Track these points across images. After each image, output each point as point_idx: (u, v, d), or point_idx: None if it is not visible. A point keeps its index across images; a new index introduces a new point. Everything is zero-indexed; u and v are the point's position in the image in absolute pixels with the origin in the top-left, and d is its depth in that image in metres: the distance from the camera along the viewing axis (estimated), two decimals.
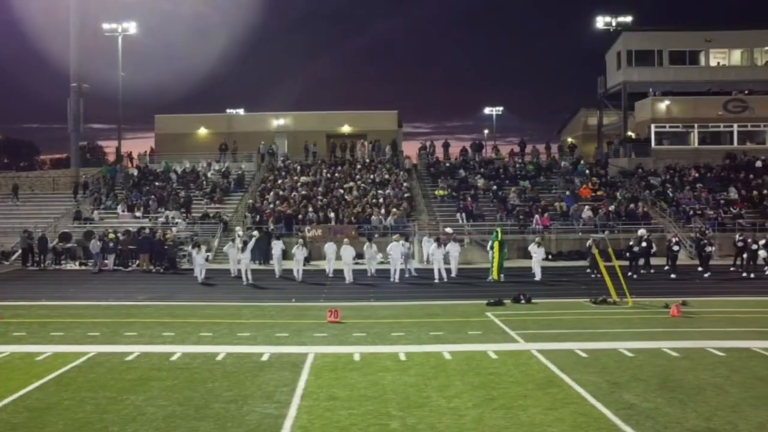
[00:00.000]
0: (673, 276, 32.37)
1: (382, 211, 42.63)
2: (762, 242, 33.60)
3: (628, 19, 60.69)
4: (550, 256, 40.02)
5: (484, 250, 36.14)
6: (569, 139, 65.93)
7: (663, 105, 55.57)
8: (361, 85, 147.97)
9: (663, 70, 56.63)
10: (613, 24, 59.24)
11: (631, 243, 33.80)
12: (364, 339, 19.12)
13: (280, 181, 49.00)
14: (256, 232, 36.65)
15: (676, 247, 33.15)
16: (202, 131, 60.81)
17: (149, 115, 64.38)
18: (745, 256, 33.33)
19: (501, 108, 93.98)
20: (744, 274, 32.74)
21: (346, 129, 59.91)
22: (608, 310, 23.82)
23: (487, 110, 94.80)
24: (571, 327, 20.70)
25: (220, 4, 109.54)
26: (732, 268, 34.30)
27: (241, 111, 74.27)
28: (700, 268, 33.40)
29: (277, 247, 33.70)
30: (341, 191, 46.15)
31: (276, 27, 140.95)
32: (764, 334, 19.41)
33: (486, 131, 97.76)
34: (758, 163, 50.55)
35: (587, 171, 50.61)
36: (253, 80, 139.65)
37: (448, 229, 38.09)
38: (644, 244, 34.12)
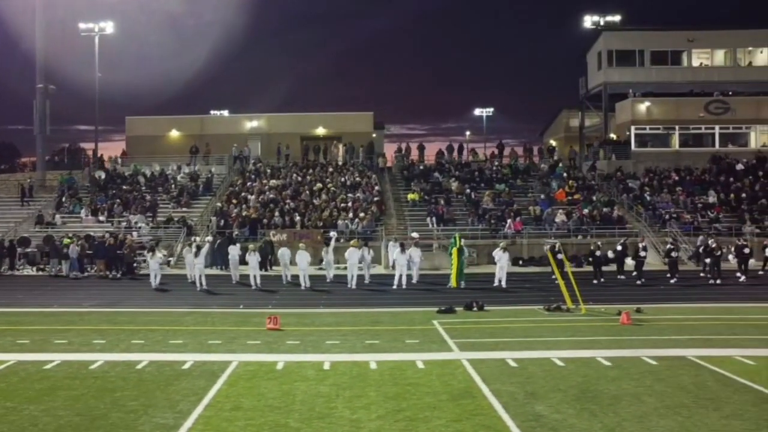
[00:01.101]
0: (639, 282, 32.42)
1: (350, 215, 42.63)
2: (732, 248, 33.84)
3: (617, 18, 60.97)
4: (521, 262, 40.15)
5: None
6: (551, 142, 66.04)
7: (643, 106, 55.61)
8: (354, 85, 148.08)
9: (644, 71, 56.73)
10: (601, 23, 59.45)
11: (592, 248, 33.89)
12: (296, 347, 19.14)
13: (248, 184, 49.00)
14: (209, 237, 36.73)
15: (643, 253, 33.22)
16: (174, 133, 60.81)
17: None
18: (708, 261, 33.42)
19: (491, 109, 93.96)
20: (711, 281, 32.78)
21: (320, 131, 59.94)
22: (559, 318, 23.87)
23: (477, 111, 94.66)
24: (514, 335, 20.76)
25: (199, 5, 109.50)
26: (702, 274, 34.34)
27: (225, 112, 74.39)
28: (668, 275, 33.44)
29: (233, 252, 33.72)
30: (309, 194, 46.14)
31: (263, 28, 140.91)
32: (708, 341, 19.50)
33: (468, 133, 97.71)
34: (739, 166, 50.66)
35: (564, 174, 50.63)
36: (237, 82, 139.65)
37: (414, 234, 38.08)
38: (619, 248, 34.28)
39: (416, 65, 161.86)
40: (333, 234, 38.41)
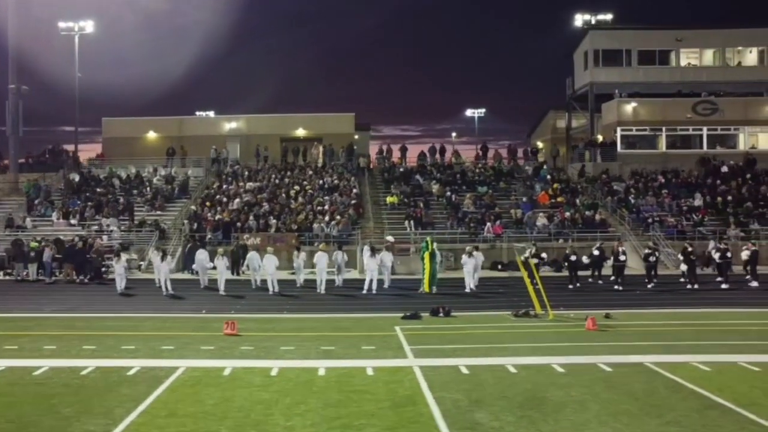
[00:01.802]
0: (617, 287, 32.57)
1: (326, 218, 42.73)
2: (716, 253, 34.09)
3: (608, 17, 61.21)
4: (500, 266, 40.31)
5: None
6: (538, 143, 66.21)
7: (629, 107, 55.70)
8: (345, 86, 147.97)
9: (632, 71, 56.97)
10: (593, 22, 59.66)
11: (567, 252, 34.06)
12: (248, 353, 19.27)
13: (224, 187, 49.10)
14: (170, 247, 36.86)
15: (622, 257, 33.37)
16: (152, 135, 60.84)
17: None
18: (684, 267, 33.63)
19: (483, 110, 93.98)
20: (689, 286, 32.95)
21: (300, 132, 60.01)
22: (525, 324, 24.01)
23: (468, 112, 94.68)
24: (474, 342, 20.88)
25: (182, 4, 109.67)
26: (681, 279, 34.46)
27: (211, 113, 74.39)
28: (646, 279, 33.60)
29: (202, 256, 33.79)
30: (285, 197, 46.24)
31: (250, 27, 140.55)
32: (669, 347, 19.66)
33: (454, 134, 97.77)
34: (724, 168, 50.90)
35: (549, 176, 50.79)
36: (224, 83, 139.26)
37: (389, 238, 38.22)
38: (596, 252, 34.45)
39: (410, 65, 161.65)
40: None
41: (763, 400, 14.55)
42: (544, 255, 31.79)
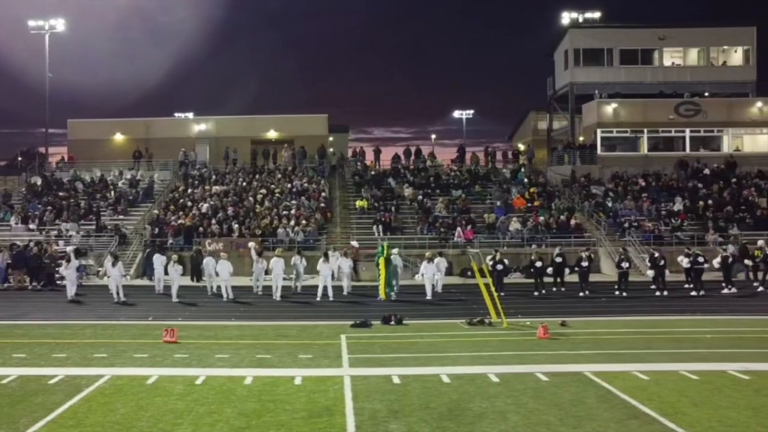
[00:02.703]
0: (582, 294, 32.77)
1: (292, 222, 42.84)
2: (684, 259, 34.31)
3: (596, 15, 61.47)
4: (469, 273, 40.38)
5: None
6: (520, 145, 66.40)
7: (609, 108, 55.82)
8: (333, 87, 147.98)
9: (613, 71, 57.29)
10: (580, 20, 59.85)
11: (533, 258, 34.24)
12: (180, 361, 19.38)
13: (190, 191, 49.18)
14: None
15: (585, 263, 33.56)
16: (119, 137, 60.81)
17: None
18: (651, 273, 33.84)
19: (471, 111, 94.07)
20: (657, 293, 33.17)
21: (272, 134, 60.06)
22: (476, 332, 24.15)
23: (456, 113, 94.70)
24: (417, 351, 21.01)
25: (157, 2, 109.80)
26: (653, 286, 34.63)
27: (190, 115, 74.36)
28: (616, 286, 33.78)
29: (158, 262, 33.93)
30: (252, 201, 46.36)
31: (231, 25, 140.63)
32: (616, 356, 19.86)
33: (434, 136, 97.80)
34: (706, 171, 51.16)
35: (526, 180, 50.97)
36: (205, 84, 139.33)
37: (354, 243, 38.37)
38: (558, 259, 34.62)
39: (400, 66, 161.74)
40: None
41: (688, 409, 14.73)
42: (506, 261, 31.95)
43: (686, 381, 17.11)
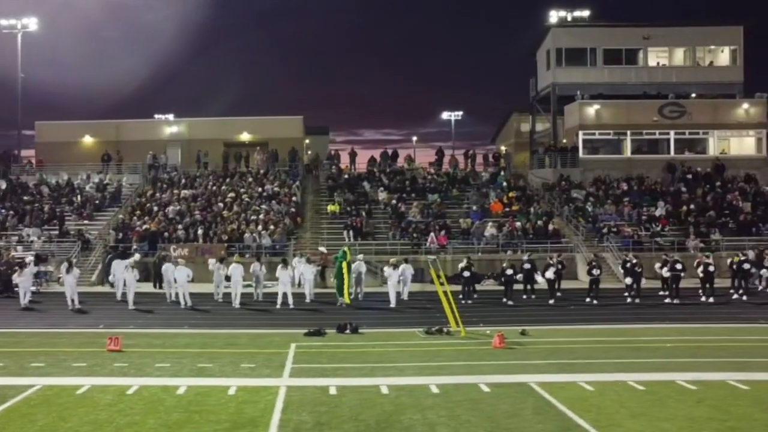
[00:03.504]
0: (551, 302, 32.93)
1: (260, 228, 42.89)
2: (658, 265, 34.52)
3: (585, 13, 61.49)
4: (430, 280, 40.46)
5: (371, 273, 36.63)
6: (503, 147, 66.53)
7: (592, 110, 55.74)
8: (325, 87, 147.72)
9: (596, 71, 57.30)
10: (568, 19, 59.86)
11: (504, 266, 34.37)
12: (118, 370, 19.49)
13: (158, 195, 49.21)
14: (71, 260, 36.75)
15: (552, 270, 33.69)
16: (88, 140, 60.75)
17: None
18: (627, 280, 33.98)
19: (460, 113, 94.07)
20: (629, 300, 33.32)
21: (245, 137, 60.06)
22: (431, 342, 24.25)
23: (445, 115, 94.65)
24: (365, 361, 21.06)
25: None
26: (626, 293, 34.70)
27: (171, 116, 74.27)
28: (588, 294, 33.93)
29: (118, 267, 33.99)
30: (221, 206, 46.41)
31: (221, 23, 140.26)
32: (568, 366, 20.01)
33: (415, 138, 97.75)
34: (698, 170, 51.36)
35: (504, 183, 51.06)
36: (190, 85, 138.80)
37: (322, 248, 38.48)
38: (527, 266, 34.71)
39: (391, 67, 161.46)
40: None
41: (625, 421, 14.87)
42: (473, 267, 32.20)
43: (631, 392, 17.25)
